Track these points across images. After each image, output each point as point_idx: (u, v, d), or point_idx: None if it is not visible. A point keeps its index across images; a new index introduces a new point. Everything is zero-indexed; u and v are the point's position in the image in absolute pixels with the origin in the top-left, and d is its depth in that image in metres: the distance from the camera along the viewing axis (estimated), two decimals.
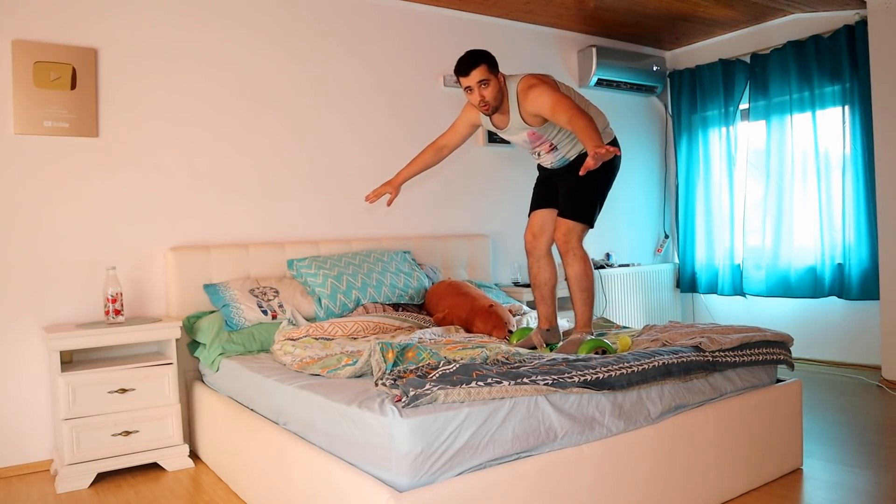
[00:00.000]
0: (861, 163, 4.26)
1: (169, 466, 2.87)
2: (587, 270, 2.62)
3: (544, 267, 2.79)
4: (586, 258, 2.63)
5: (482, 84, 2.54)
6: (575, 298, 2.66)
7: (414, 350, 2.13)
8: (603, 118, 2.71)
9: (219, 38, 3.45)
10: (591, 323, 2.68)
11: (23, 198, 2.96)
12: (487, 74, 2.53)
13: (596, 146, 2.21)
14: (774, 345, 2.57)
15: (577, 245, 2.61)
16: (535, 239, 2.80)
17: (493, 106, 2.59)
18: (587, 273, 2.62)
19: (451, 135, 2.88)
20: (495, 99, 2.57)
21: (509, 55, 4.56)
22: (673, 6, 4.38)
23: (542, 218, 2.79)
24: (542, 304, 2.80)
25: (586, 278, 2.62)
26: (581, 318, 2.66)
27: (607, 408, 2.04)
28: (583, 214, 2.63)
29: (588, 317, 2.66)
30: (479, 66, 2.52)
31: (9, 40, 2.91)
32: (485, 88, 2.54)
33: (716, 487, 2.31)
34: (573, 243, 2.61)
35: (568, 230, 2.61)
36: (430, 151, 2.91)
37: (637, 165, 5.35)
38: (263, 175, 3.58)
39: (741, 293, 4.93)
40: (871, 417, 3.29)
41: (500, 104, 2.61)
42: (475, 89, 2.55)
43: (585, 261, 2.62)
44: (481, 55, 2.54)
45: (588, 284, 2.62)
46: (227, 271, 3.31)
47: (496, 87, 2.56)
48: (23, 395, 2.95)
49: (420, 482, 1.69)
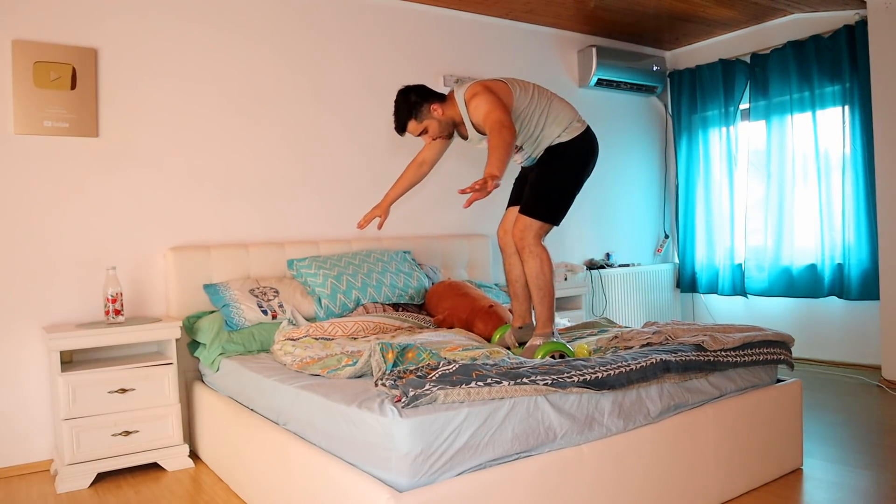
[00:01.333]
0: (861, 163, 4.26)
1: (169, 466, 2.87)
2: (544, 269, 2.54)
3: (516, 263, 2.71)
4: (543, 256, 2.54)
5: (422, 133, 2.61)
6: (532, 297, 2.59)
7: (414, 350, 2.13)
8: (569, 111, 2.62)
9: (219, 39, 3.45)
10: (550, 323, 2.58)
11: (23, 198, 2.96)
12: (418, 126, 2.60)
13: (489, 173, 2.17)
14: (775, 345, 2.57)
15: (533, 242, 2.53)
16: (506, 235, 2.73)
17: (448, 132, 2.63)
18: (544, 272, 2.54)
19: (428, 150, 2.85)
20: (442, 131, 2.62)
21: (509, 55, 4.57)
22: (673, 6, 4.38)
23: (513, 215, 2.73)
24: (515, 302, 2.75)
25: (543, 277, 2.54)
26: (539, 318, 2.58)
27: (607, 407, 2.04)
28: (541, 211, 2.54)
29: (546, 317, 2.57)
30: (408, 124, 2.59)
31: (9, 40, 2.91)
32: (425, 135, 2.61)
33: (716, 487, 2.31)
34: (529, 240, 2.53)
35: (525, 227, 2.54)
36: (411, 168, 2.88)
37: (637, 165, 5.35)
38: (264, 175, 3.58)
39: (742, 293, 4.93)
40: (871, 417, 3.29)
41: (451, 128, 2.63)
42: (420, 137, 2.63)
43: (542, 259, 2.54)
44: (403, 113, 2.57)
45: (544, 283, 2.54)
46: (227, 271, 3.32)
47: (436, 124, 2.59)
48: (23, 395, 2.95)
49: (420, 482, 1.69)
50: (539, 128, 2.57)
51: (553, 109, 2.58)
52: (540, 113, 2.56)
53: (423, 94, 2.59)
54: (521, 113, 2.55)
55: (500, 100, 2.45)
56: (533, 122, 2.56)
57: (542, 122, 2.57)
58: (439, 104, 2.58)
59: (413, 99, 2.57)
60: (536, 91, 2.60)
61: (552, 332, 2.57)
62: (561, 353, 2.39)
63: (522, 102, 2.55)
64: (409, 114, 2.58)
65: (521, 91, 2.56)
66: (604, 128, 5.09)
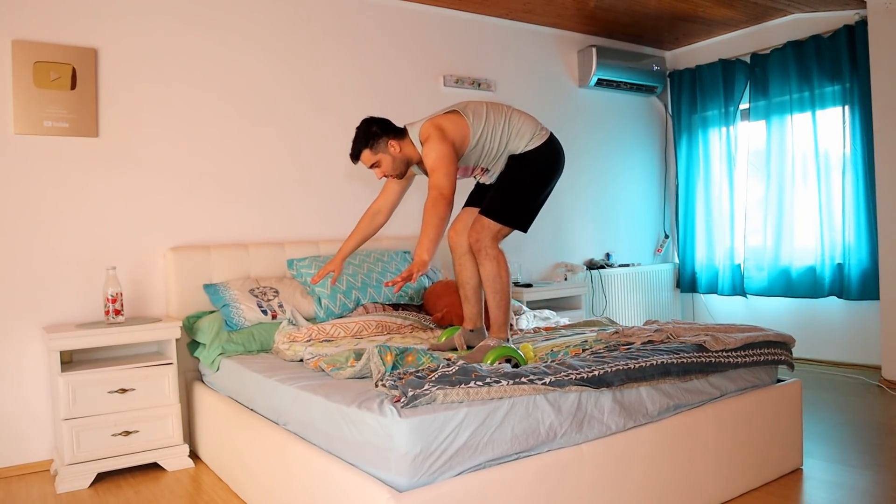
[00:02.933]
0: (861, 163, 4.26)
1: (169, 466, 2.87)
2: (500, 272, 2.47)
3: (467, 264, 2.65)
4: (500, 259, 2.48)
5: (374, 166, 2.56)
6: (487, 300, 2.52)
7: (413, 354, 2.12)
8: (530, 123, 2.55)
9: (219, 39, 3.45)
10: (505, 328, 2.51)
11: (23, 198, 2.96)
12: (372, 157, 2.53)
13: (419, 257, 2.22)
14: (776, 345, 2.57)
15: (489, 244, 2.47)
16: (456, 236, 2.66)
17: (400, 172, 2.58)
18: (500, 275, 2.47)
19: (384, 198, 2.74)
20: (395, 169, 2.56)
21: (509, 55, 4.57)
22: (673, 6, 4.38)
23: (468, 216, 2.67)
24: (466, 304, 2.68)
25: (499, 280, 2.47)
26: (494, 322, 2.51)
27: (606, 405, 2.04)
28: (503, 215, 2.49)
29: (501, 321, 2.50)
30: (363, 153, 2.53)
31: (9, 40, 2.91)
32: (378, 168, 2.55)
33: (716, 487, 2.31)
34: (485, 242, 2.46)
35: (481, 228, 2.48)
36: (365, 221, 2.76)
37: (637, 165, 5.35)
38: (263, 175, 3.58)
39: (742, 293, 4.93)
40: (871, 417, 3.29)
41: (405, 167, 2.58)
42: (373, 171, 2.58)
43: (498, 261, 2.47)
44: (360, 141, 2.53)
45: (500, 286, 2.47)
46: (227, 271, 3.32)
47: (389, 160, 2.53)
48: (23, 395, 2.95)
49: (419, 482, 1.69)
50: (502, 145, 2.52)
51: (513, 124, 2.53)
52: (501, 132, 2.51)
53: (385, 127, 2.54)
54: (480, 138, 2.50)
55: (448, 148, 2.40)
56: (494, 142, 2.51)
57: (505, 140, 2.52)
58: (398, 141, 2.53)
59: (374, 129, 2.52)
60: (491, 111, 2.54)
61: (507, 338, 2.52)
62: (509, 359, 2.30)
63: (478, 128, 2.49)
64: (365, 142, 2.53)
65: (475, 118, 2.50)
66: (604, 128, 5.12)
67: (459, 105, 2.57)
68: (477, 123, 2.50)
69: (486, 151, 2.54)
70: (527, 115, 2.61)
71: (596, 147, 5.05)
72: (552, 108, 4.76)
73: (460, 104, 2.58)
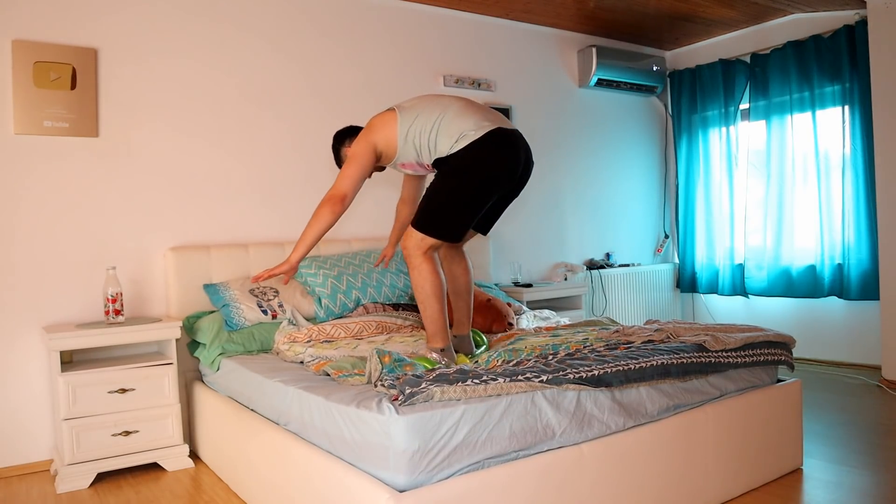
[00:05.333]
0: (861, 163, 4.26)
1: (169, 466, 2.87)
2: (421, 282, 2.37)
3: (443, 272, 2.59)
4: (423, 268, 2.37)
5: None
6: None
7: (411, 367, 2.07)
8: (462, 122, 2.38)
9: (219, 39, 3.45)
10: (435, 338, 2.40)
11: (23, 198, 2.96)
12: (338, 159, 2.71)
13: (290, 257, 2.40)
14: (776, 345, 2.57)
15: (413, 254, 2.38)
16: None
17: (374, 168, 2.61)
18: (421, 285, 2.38)
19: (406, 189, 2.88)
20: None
21: (509, 55, 4.57)
22: (673, 6, 4.38)
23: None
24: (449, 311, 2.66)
25: (421, 290, 2.38)
26: (427, 331, 2.44)
27: (605, 404, 2.04)
28: (421, 224, 2.38)
29: (431, 331, 2.40)
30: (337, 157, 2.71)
31: (9, 40, 2.91)
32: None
33: (716, 487, 2.31)
34: (409, 251, 2.38)
35: (406, 237, 2.40)
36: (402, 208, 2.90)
37: (637, 165, 5.35)
38: (263, 175, 3.59)
39: (742, 293, 4.93)
40: (871, 417, 3.29)
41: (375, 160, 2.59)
42: None
43: (421, 271, 2.37)
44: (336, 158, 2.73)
45: (423, 297, 2.38)
46: (227, 271, 3.32)
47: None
48: (23, 395, 2.95)
49: (418, 480, 1.69)
50: (433, 144, 2.42)
51: (443, 123, 2.39)
52: (430, 129, 2.41)
53: (340, 138, 2.70)
54: (408, 135, 2.44)
55: (361, 147, 2.44)
56: (423, 139, 2.43)
57: (433, 138, 2.41)
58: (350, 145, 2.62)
59: (333, 144, 2.72)
60: (427, 107, 2.45)
61: (441, 348, 2.39)
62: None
63: (405, 125, 2.43)
64: (336, 158, 2.74)
65: (405, 113, 2.45)
66: (604, 128, 5.12)
67: (407, 100, 2.54)
68: (405, 120, 2.44)
69: (419, 148, 2.45)
70: (469, 113, 2.42)
71: (596, 147, 5.06)
72: (552, 108, 4.77)
73: (410, 99, 2.55)
